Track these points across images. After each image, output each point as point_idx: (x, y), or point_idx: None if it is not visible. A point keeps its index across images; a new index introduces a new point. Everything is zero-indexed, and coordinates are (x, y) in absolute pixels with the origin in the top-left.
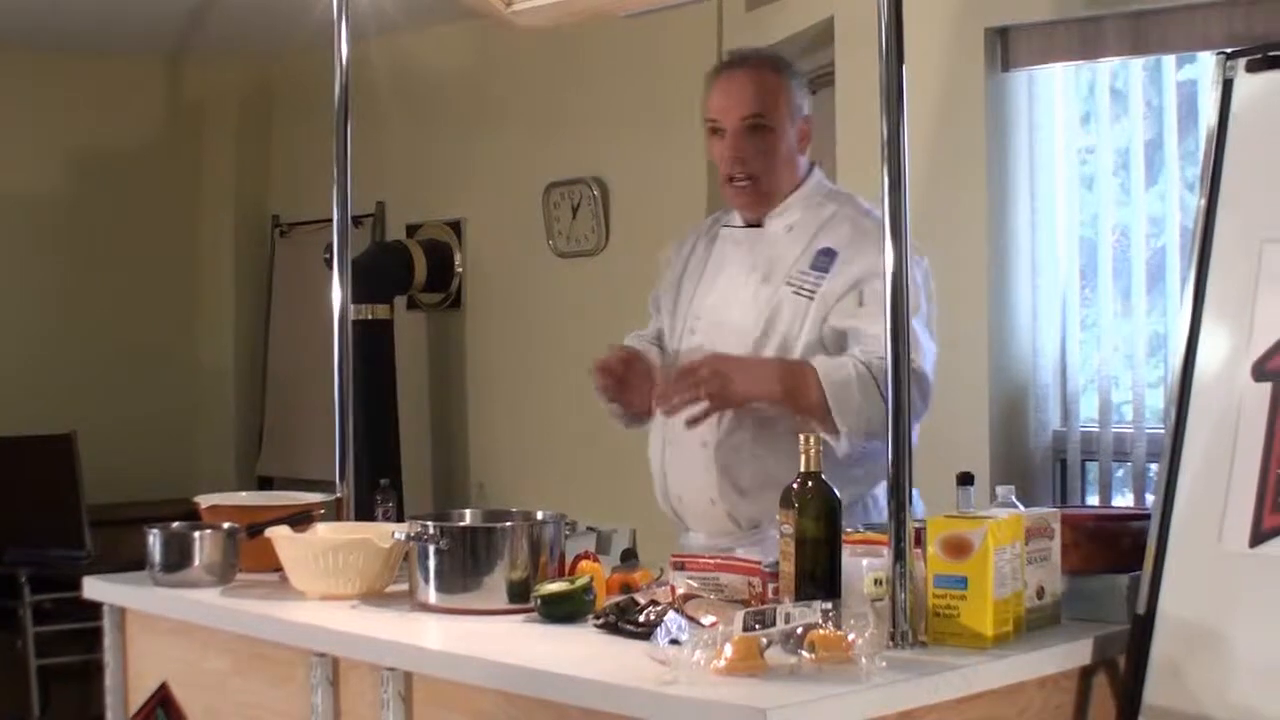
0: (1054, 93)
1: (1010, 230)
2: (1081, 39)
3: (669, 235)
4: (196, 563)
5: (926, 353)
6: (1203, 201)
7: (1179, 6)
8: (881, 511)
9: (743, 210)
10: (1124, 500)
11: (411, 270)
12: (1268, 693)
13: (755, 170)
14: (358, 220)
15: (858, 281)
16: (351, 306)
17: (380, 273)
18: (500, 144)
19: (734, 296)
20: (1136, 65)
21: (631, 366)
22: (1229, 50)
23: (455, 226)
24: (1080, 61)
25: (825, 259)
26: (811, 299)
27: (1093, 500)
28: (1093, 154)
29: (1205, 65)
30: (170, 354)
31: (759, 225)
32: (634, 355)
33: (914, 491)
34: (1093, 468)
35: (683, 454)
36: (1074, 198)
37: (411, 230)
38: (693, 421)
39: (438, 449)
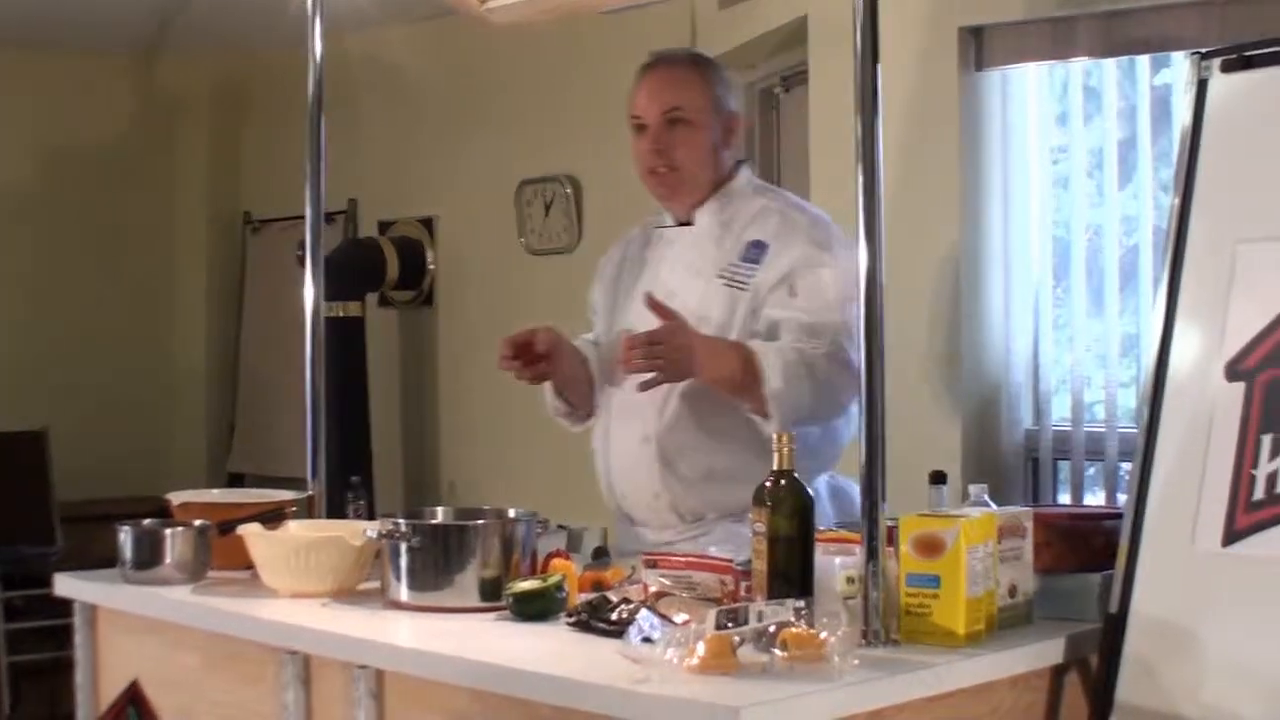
0: (1027, 92)
1: (983, 229)
2: (1055, 39)
3: None
4: (168, 560)
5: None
6: (1176, 201)
7: (1152, 6)
8: (824, 503)
9: (664, 201)
10: (1096, 499)
11: (384, 267)
12: (1240, 692)
13: (675, 161)
14: (330, 217)
15: (789, 273)
16: (324, 304)
17: (352, 270)
18: (474, 141)
19: (668, 296)
20: (1111, 65)
21: (539, 340)
22: (1203, 50)
23: (428, 224)
24: (1054, 61)
25: (756, 251)
26: (744, 290)
27: (1065, 499)
28: (1066, 154)
29: (1179, 66)
30: (142, 351)
31: (689, 224)
32: (540, 330)
33: (856, 489)
34: (1065, 467)
35: (625, 449)
36: (1047, 197)
37: (384, 227)
38: (644, 386)
39: (410, 446)
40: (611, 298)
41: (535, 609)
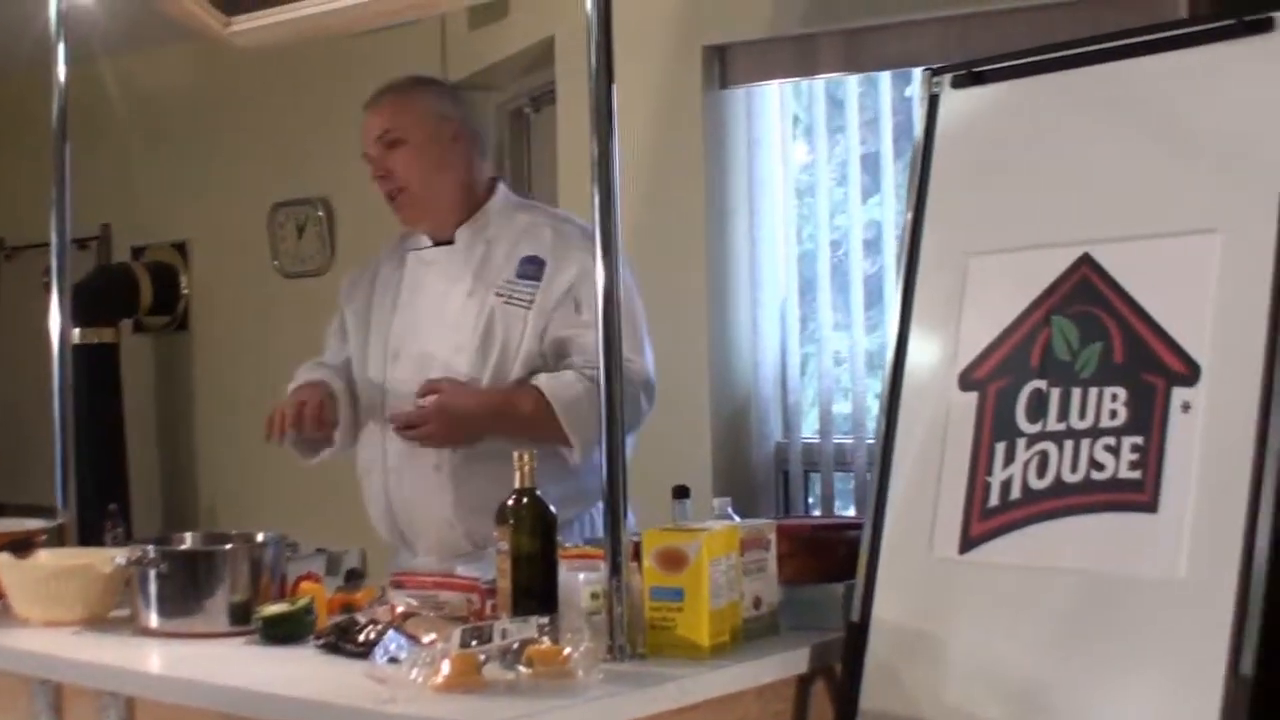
0: (772, 109)
1: (729, 245)
2: (798, 55)
3: None
4: None
5: (647, 353)
6: (910, 215)
7: (891, 24)
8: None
9: (413, 225)
10: (848, 511)
11: (137, 293)
12: (979, 694)
13: (400, 181)
14: (82, 243)
15: (571, 288)
16: (76, 330)
17: (105, 296)
18: (225, 165)
19: (440, 316)
20: (854, 81)
21: (308, 411)
22: (935, 66)
23: (181, 248)
24: (797, 78)
25: (533, 267)
26: (528, 309)
27: (817, 512)
28: (812, 169)
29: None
30: None
31: (449, 243)
32: (309, 397)
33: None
34: (816, 479)
35: (413, 478)
36: (792, 212)
37: (137, 252)
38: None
39: (167, 472)
40: (364, 328)
41: (283, 632)
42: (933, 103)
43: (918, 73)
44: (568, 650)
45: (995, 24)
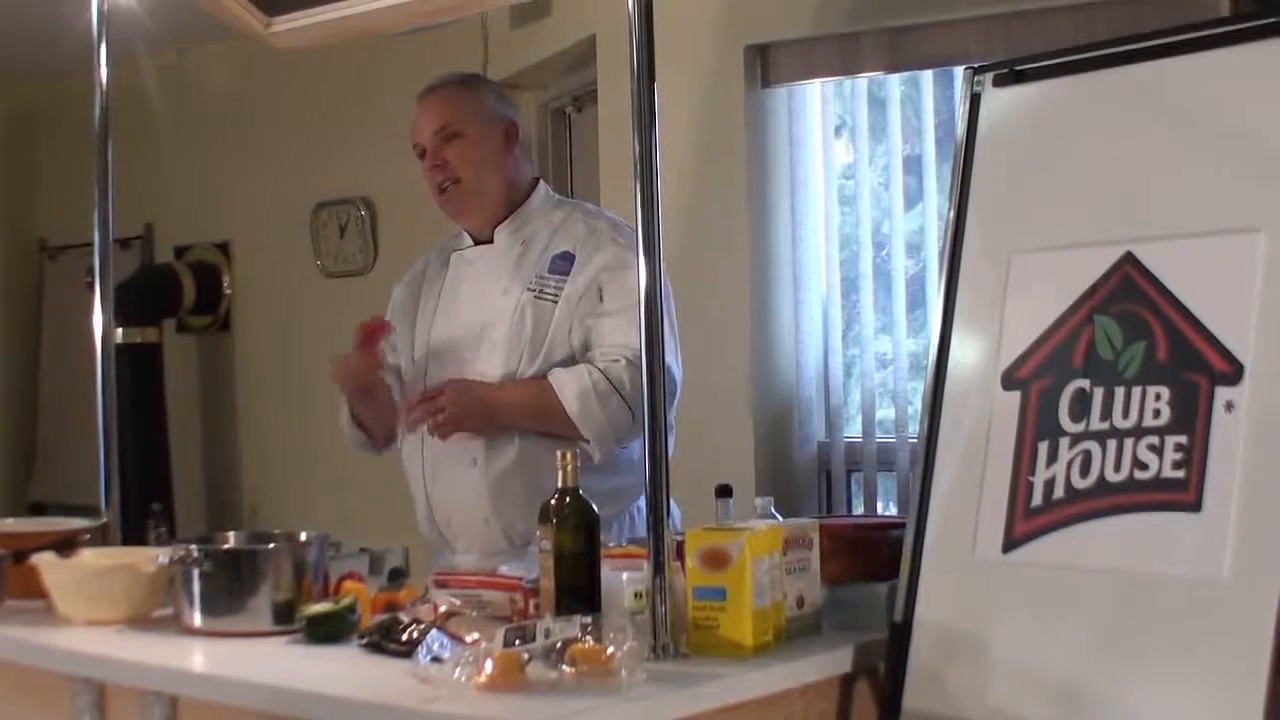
0: (814, 108)
1: (772, 245)
2: (840, 55)
3: None
4: None
5: (670, 348)
6: (952, 214)
7: (934, 23)
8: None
9: (459, 219)
10: (890, 511)
11: (180, 293)
12: (1022, 694)
13: (456, 174)
14: (125, 243)
15: (595, 276)
16: (119, 330)
17: (148, 296)
18: (268, 164)
19: (477, 314)
20: (896, 81)
21: (374, 370)
22: (976, 65)
23: (224, 248)
24: (840, 77)
25: (563, 262)
26: (557, 302)
27: (859, 511)
28: (853, 169)
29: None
30: None
31: (489, 242)
32: (378, 363)
33: (673, 505)
34: (858, 479)
35: (450, 476)
36: (834, 213)
37: (180, 252)
38: (442, 436)
39: (211, 472)
40: (410, 328)
41: (327, 631)
42: (975, 101)
43: (960, 72)
44: (611, 650)
45: (1037, 22)
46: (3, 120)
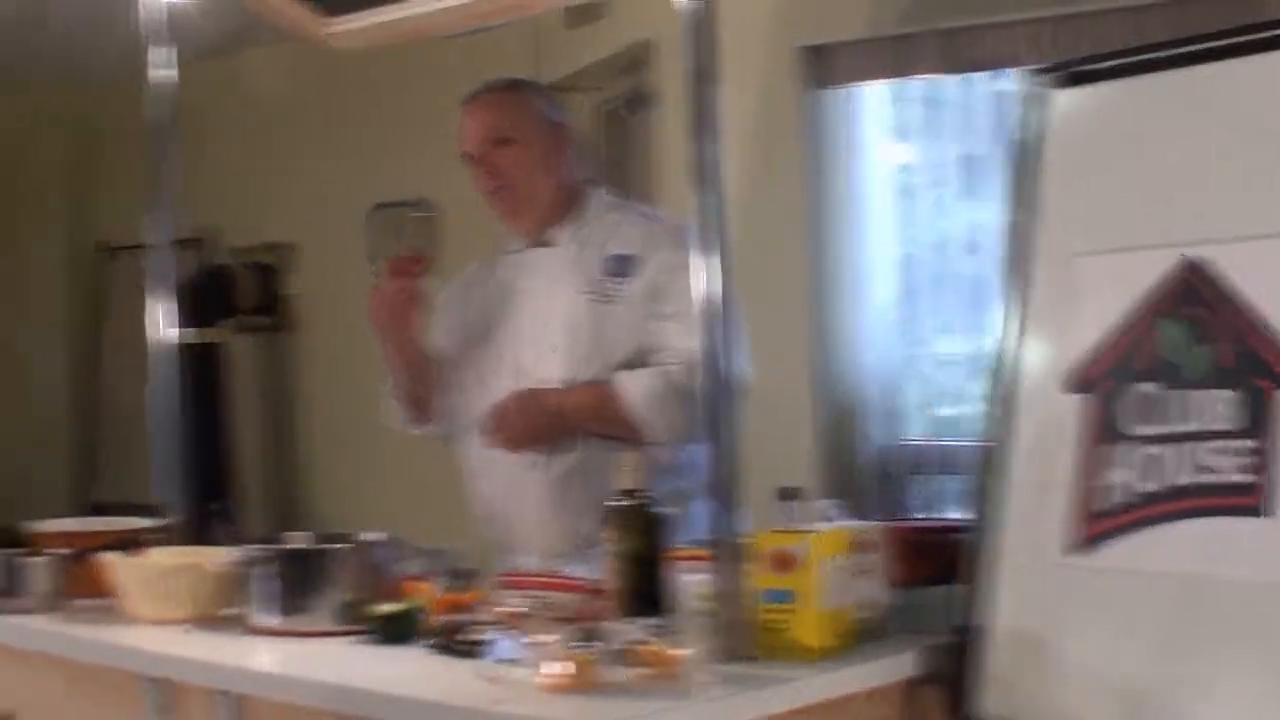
0: (870, 110)
1: (831, 247)
2: (895, 56)
3: None
4: (27, 589)
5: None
6: (1014, 216)
7: (991, 24)
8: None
9: (511, 221)
10: (953, 514)
11: (239, 294)
12: (1091, 699)
13: (508, 178)
14: (185, 244)
15: (655, 278)
16: (180, 331)
17: (208, 297)
18: (328, 165)
19: (535, 319)
20: (952, 82)
21: (411, 304)
22: (1037, 66)
23: (284, 249)
24: (895, 79)
25: (621, 264)
26: (616, 305)
27: (921, 514)
28: (911, 169)
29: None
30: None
31: (544, 245)
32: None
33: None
34: (920, 482)
35: (510, 478)
36: (894, 213)
37: (239, 253)
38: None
39: (275, 472)
40: (462, 326)
41: (394, 632)
42: (1033, 103)
43: (1011, 74)
44: (678, 652)
45: (1087, 25)
46: (68, 124)
